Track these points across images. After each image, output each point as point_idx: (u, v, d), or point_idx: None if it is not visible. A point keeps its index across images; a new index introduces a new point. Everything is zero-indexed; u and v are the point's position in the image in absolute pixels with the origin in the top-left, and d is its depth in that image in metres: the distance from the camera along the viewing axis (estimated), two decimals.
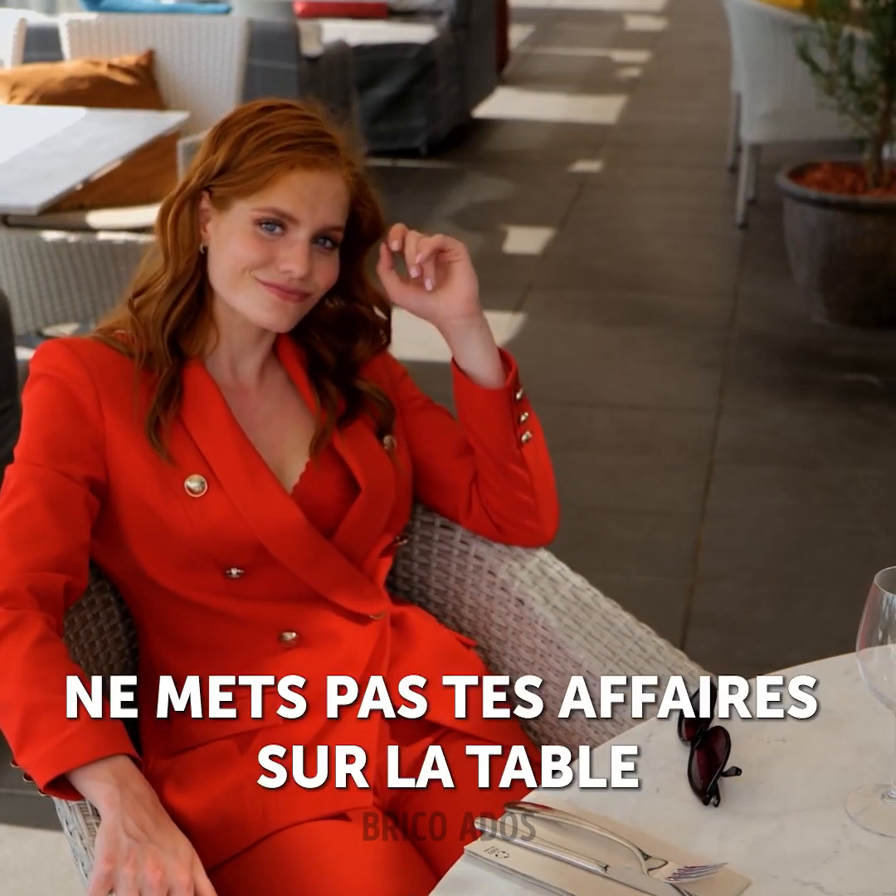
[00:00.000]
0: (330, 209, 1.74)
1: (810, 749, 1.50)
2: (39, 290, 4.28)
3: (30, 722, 1.52)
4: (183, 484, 1.72)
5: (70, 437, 1.71)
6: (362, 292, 1.87)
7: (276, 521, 1.74)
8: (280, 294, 1.73)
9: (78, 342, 1.78)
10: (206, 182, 1.74)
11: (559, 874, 1.34)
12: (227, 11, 5.33)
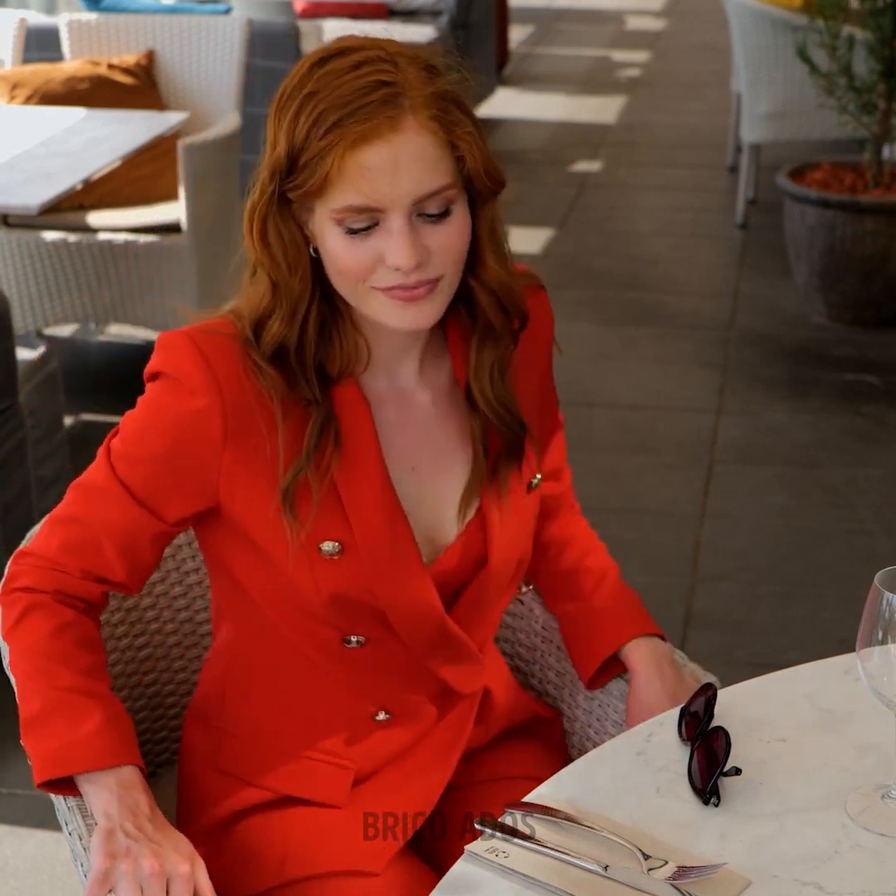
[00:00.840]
0: (413, 175, 1.42)
1: (810, 749, 1.51)
2: (39, 290, 4.28)
3: (47, 709, 1.49)
4: (317, 545, 1.52)
5: (176, 477, 1.52)
6: (483, 271, 1.52)
7: (408, 600, 1.55)
8: (403, 296, 1.46)
9: (214, 349, 1.50)
10: (279, 184, 1.46)
11: (559, 874, 1.34)
12: (227, 11, 5.33)
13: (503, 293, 1.54)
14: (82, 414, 4.29)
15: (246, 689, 1.63)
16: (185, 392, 1.50)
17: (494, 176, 1.49)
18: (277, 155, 1.44)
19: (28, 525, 3.00)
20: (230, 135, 4.37)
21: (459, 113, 1.46)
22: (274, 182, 1.45)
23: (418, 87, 1.43)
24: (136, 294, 4.25)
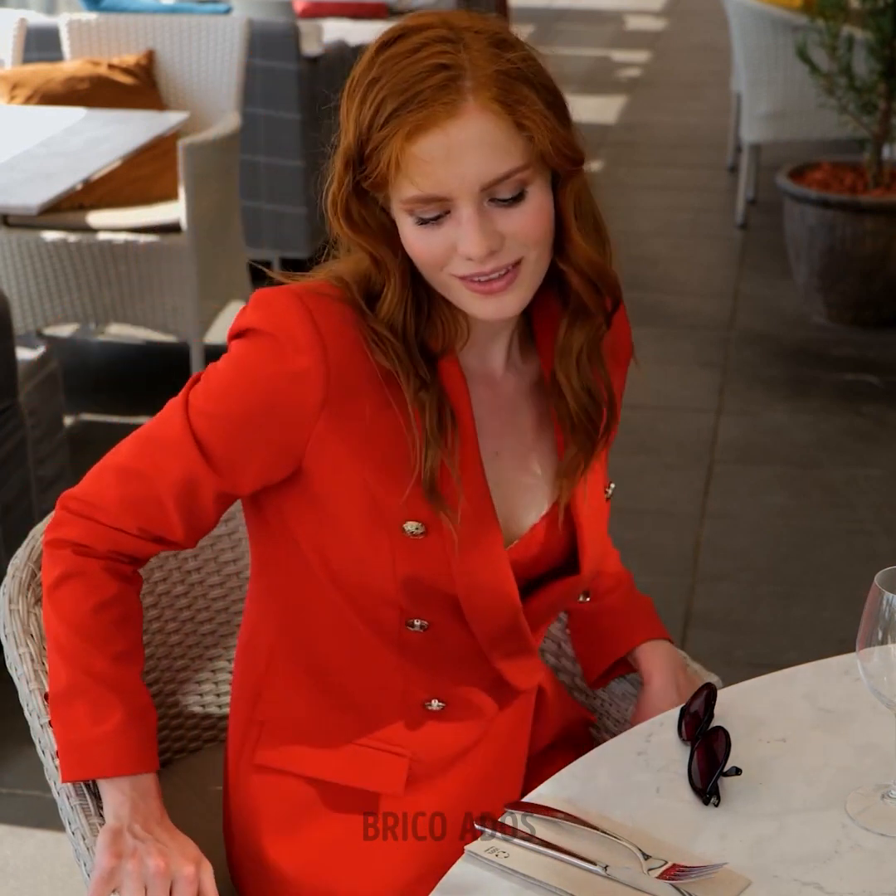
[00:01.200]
0: (477, 161, 1.35)
1: (810, 749, 1.51)
2: (39, 290, 4.28)
3: (73, 692, 1.48)
4: (400, 524, 1.46)
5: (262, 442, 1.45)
6: (572, 249, 1.45)
7: (485, 586, 1.50)
8: (482, 289, 1.40)
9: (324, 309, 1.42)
10: (353, 175, 1.40)
11: (559, 874, 1.34)
12: (227, 11, 5.33)
13: (594, 272, 1.47)
14: (82, 414, 4.29)
15: (293, 675, 1.58)
16: (287, 352, 1.41)
17: (568, 152, 1.43)
18: (347, 144, 1.39)
19: (28, 525, 3.00)
20: (230, 135, 4.37)
21: (528, 90, 1.37)
22: (349, 172, 1.40)
23: (482, 65, 1.35)
24: (136, 294, 4.25)
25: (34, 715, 1.57)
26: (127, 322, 4.37)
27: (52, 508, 1.59)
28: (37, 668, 1.59)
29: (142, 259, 4.22)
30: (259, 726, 1.61)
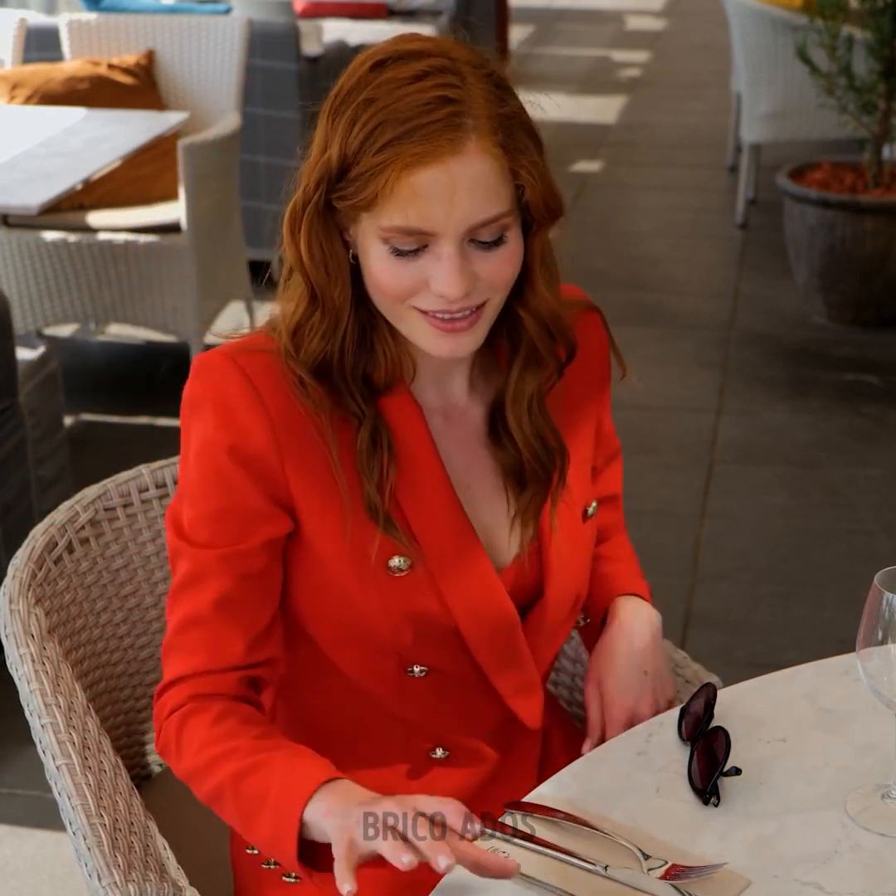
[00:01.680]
0: (470, 202, 1.33)
1: (810, 749, 1.51)
2: (39, 290, 4.28)
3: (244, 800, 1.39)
4: (385, 562, 1.45)
5: (245, 503, 1.43)
6: (532, 296, 1.45)
7: (481, 607, 1.48)
8: (444, 326, 1.39)
9: (255, 365, 1.43)
10: (326, 191, 1.37)
11: (559, 874, 1.34)
12: (227, 11, 5.32)
13: (552, 321, 1.48)
14: (82, 414, 4.29)
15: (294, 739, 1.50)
16: (230, 417, 1.42)
17: (553, 206, 1.41)
18: (328, 161, 1.36)
19: (28, 525, 3.00)
20: (230, 135, 4.37)
21: (526, 138, 1.38)
22: (321, 188, 1.37)
23: (485, 106, 1.35)
24: (136, 294, 4.25)
25: (34, 715, 1.57)
26: (127, 322, 4.36)
27: (52, 508, 1.59)
28: (37, 669, 1.59)
29: (142, 259, 4.22)
30: None
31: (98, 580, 1.78)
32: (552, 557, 1.54)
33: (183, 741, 1.46)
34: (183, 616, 1.47)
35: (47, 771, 1.55)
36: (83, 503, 1.75)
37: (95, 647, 1.77)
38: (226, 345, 1.47)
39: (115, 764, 1.59)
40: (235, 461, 1.43)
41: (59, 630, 1.68)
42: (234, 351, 1.45)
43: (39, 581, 1.67)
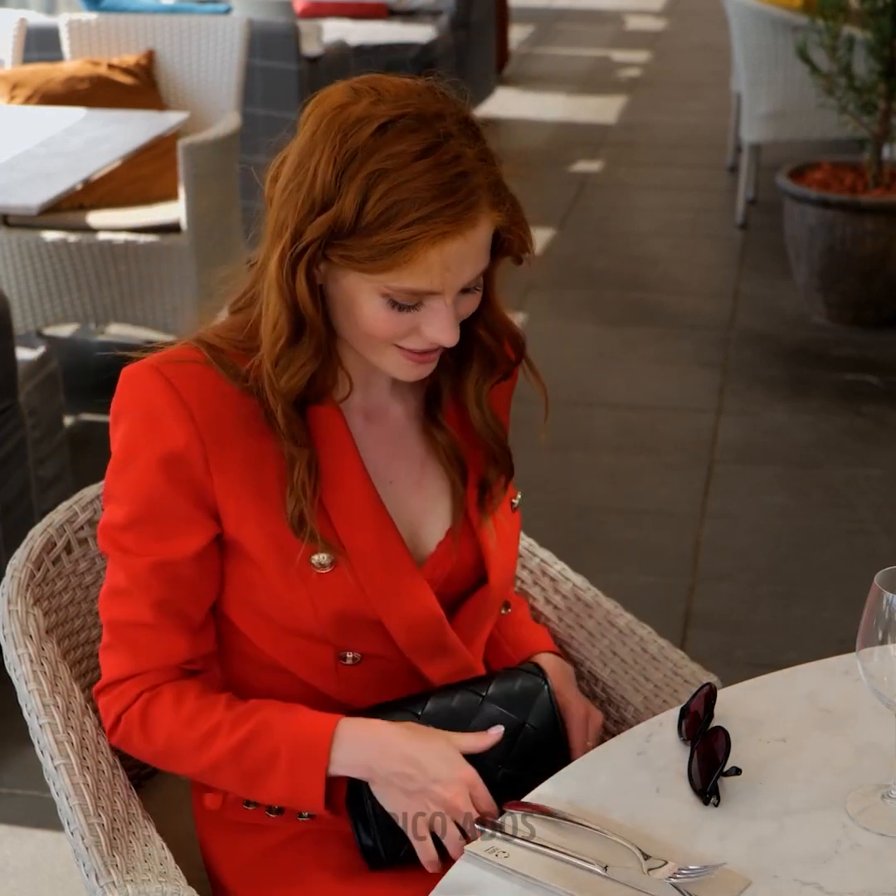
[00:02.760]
0: (475, 265, 1.45)
1: (810, 749, 1.50)
2: (39, 290, 4.28)
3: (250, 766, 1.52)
4: (308, 559, 1.51)
5: (173, 510, 1.49)
6: (489, 312, 1.55)
7: (404, 605, 1.55)
8: (420, 358, 1.49)
9: (180, 375, 1.49)
10: (325, 241, 1.42)
11: (559, 874, 1.34)
12: (227, 11, 5.33)
13: (509, 334, 1.60)
14: (82, 414, 4.29)
15: None
16: (156, 424, 1.48)
17: (526, 244, 1.51)
18: (338, 218, 1.41)
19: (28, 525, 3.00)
20: (230, 135, 4.37)
21: (508, 190, 1.47)
22: (321, 240, 1.42)
23: (482, 170, 1.43)
24: (136, 294, 4.25)
25: (33, 715, 1.57)
26: (127, 322, 4.37)
27: (52, 508, 1.60)
28: (35, 669, 1.59)
29: (142, 259, 4.22)
30: None
31: (96, 580, 1.77)
32: (489, 543, 1.62)
33: (148, 727, 1.54)
34: (120, 619, 1.54)
35: (45, 771, 1.55)
36: (82, 503, 1.75)
37: (94, 647, 1.76)
38: (151, 356, 1.52)
39: (112, 764, 1.59)
40: (159, 466, 1.48)
41: (57, 630, 1.68)
42: (160, 362, 1.50)
43: (38, 581, 1.67)
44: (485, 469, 1.62)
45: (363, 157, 1.40)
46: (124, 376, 1.51)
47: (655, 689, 1.80)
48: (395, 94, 1.43)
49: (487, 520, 1.62)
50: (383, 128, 1.40)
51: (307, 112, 1.47)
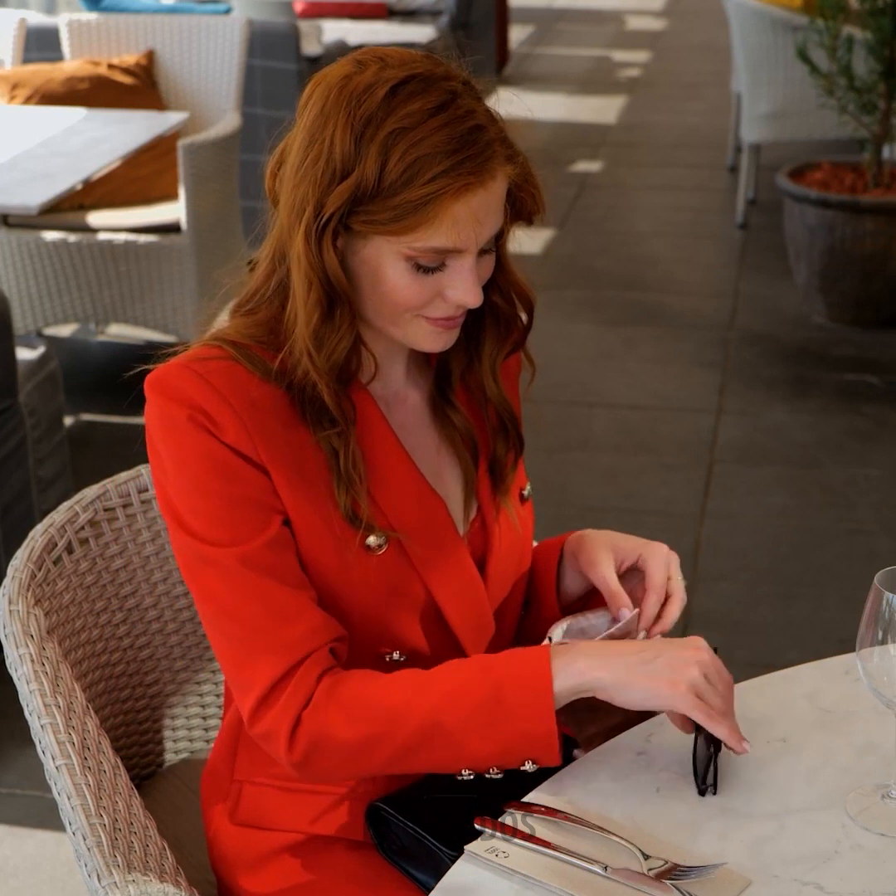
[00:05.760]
0: (495, 220, 1.45)
1: (810, 749, 1.51)
2: (39, 290, 4.28)
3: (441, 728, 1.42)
4: (362, 543, 1.49)
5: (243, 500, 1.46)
6: (501, 277, 1.55)
7: (455, 579, 1.54)
8: (447, 325, 1.48)
9: (212, 371, 1.47)
10: (348, 208, 1.42)
11: (559, 874, 1.34)
12: (227, 11, 5.33)
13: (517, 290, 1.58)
14: (82, 414, 4.29)
15: None
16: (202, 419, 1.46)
17: (538, 202, 1.52)
18: (357, 183, 1.40)
19: (28, 525, 3.00)
20: (230, 135, 4.37)
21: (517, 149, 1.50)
22: (345, 206, 1.42)
23: (493, 125, 1.45)
24: (136, 294, 4.25)
25: (34, 715, 1.57)
26: (127, 322, 4.37)
27: (52, 508, 1.59)
28: (37, 669, 1.59)
29: (142, 259, 4.22)
30: (238, 785, 1.63)
31: (97, 580, 1.77)
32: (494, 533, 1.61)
33: (344, 702, 1.44)
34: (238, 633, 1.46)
35: (47, 771, 1.55)
36: (83, 503, 1.75)
37: (95, 647, 1.77)
38: (175, 359, 1.51)
39: (114, 764, 1.59)
40: (217, 462, 1.45)
41: (58, 630, 1.68)
42: (187, 360, 1.49)
43: (39, 581, 1.67)
44: (494, 446, 1.61)
45: (379, 119, 1.40)
46: (152, 383, 1.49)
47: None
48: (400, 59, 1.44)
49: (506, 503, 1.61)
50: (394, 90, 1.41)
51: (308, 93, 1.47)
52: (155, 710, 1.87)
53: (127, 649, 1.82)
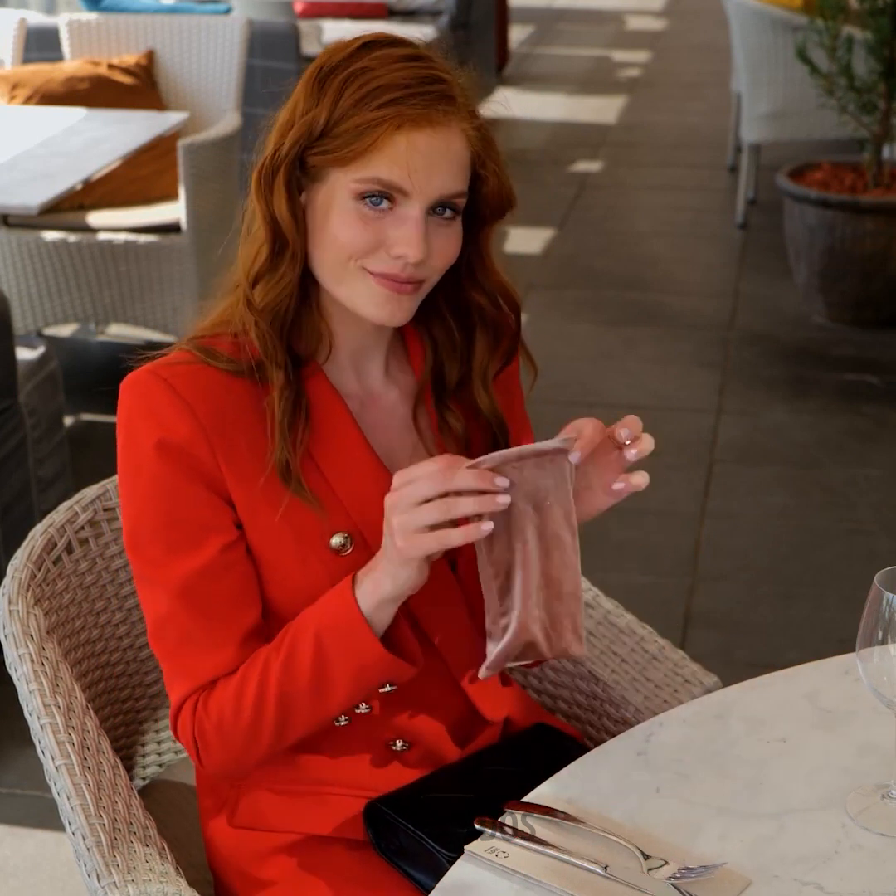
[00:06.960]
0: (447, 173, 1.44)
1: (810, 749, 1.51)
2: (39, 290, 4.28)
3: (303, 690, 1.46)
4: (327, 542, 1.50)
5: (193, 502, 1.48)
6: (485, 278, 1.55)
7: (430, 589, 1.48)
8: (392, 286, 1.45)
9: (177, 375, 1.49)
10: (302, 147, 1.45)
11: (559, 874, 1.34)
12: (227, 11, 5.33)
13: (500, 291, 1.58)
14: (82, 414, 4.29)
15: None
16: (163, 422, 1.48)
17: (509, 198, 1.52)
18: (312, 120, 1.43)
19: (28, 525, 3.00)
20: (230, 135, 4.37)
21: (482, 122, 1.49)
22: (299, 144, 1.45)
23: (466, 97, 1.47)
24: (136, 294, 4.25)
25: (34, 715, 1.57)
26: (127, 322, 4.37)
27: (52, 508, 1.60)
28: (36, 669, 1.59)
29: (142, 259, 4.22)
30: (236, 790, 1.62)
31: (97, 580, 1.77)
32: None
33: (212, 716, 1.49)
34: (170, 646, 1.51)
35: (47, 771, 1.55)
36: (82, 503, 1.75)
37: (95, 647, 1.77)
38: (147, 364, 1.53)
39: (114, 764, 1.59)
40: (166, 458, 1.47)
41: (58, 630, 1.68)
42: (155, 366, 1.52)
43: (38, 581, 1.67)
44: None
45: (347, 65, 1.45)
46: (124, 386, 1.52)
47: (655, 688, 1.80)
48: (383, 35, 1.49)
49: None
50: (368, 45, 1.47)
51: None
52: (155, 710, 1.87)
53: (127, 649, 1.82)
